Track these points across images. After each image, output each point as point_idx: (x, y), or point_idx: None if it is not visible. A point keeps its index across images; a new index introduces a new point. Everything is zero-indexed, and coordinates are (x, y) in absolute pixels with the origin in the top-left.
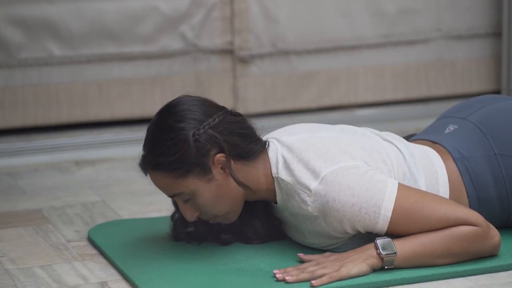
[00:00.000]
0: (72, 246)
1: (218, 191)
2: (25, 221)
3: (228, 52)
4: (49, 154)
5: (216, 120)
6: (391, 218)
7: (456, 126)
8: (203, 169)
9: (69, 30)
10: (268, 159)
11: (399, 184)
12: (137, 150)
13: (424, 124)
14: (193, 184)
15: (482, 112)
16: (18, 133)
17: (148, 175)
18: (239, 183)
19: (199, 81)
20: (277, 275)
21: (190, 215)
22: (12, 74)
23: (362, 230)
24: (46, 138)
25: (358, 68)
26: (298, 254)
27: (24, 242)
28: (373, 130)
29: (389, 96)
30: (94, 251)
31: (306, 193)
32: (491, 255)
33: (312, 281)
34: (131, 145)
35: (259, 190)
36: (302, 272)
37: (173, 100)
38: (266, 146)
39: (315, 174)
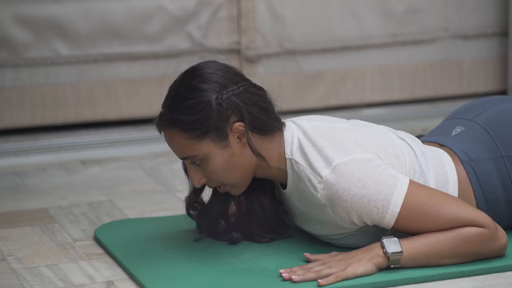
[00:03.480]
0: (79, 246)
1: (230, 159)
2: (31, 220)
3: (235, 51)
4: (56, 153)
5: (241, 88)
6: (399, 214)
7: (463, 128)
8: (220, 134)
9: (76, 30)
10: (283, 139)
11: (410, 181)
12: (144, 150)
13: (430, 123)
14: (207, 148)
15: (489, 113)
16: (25, 132)
17: (162, 133)
18: (256, 152)
19: None
20: (283, 275)
21: (198, 180)
22: (19, 74)
23: (369, 223)
24: (53, 137)
25: (365, 68)
26: (304, 253)
27: (31, 242)
28: (388, 127)
29: (396, 96)
30: (100, 251)
31: (317, 179)
32: (498, 256)
33: (319, 281)
34: (138, 145)
35: (270, 167)
36: (308, 271)
37: (200, 63)
38: (283, 126)
39: (328, 162)
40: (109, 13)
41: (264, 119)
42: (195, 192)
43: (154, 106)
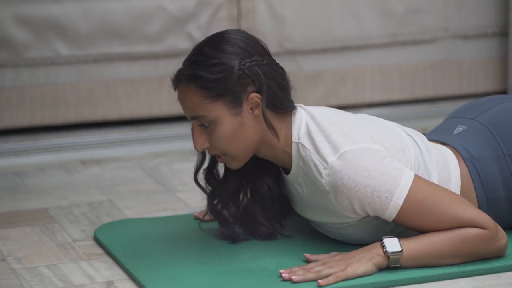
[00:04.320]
0: (78, 246)
1: (239, 128)
2: (31, 220)
3: None
4: (55, 153)
5: (265, 61)
6: (401, 207)
7: (465, 127)
8: (235, 99)
9: (76, 30)
10: (292, 122)
11: (415, 175)
12: (144, 150)
13: (431, 124)
14: (219, 110)
15: (490, 112)
16: (25, 132)
17: (177, 90)
18: (269, 124)
19: None
20: (283, 275)
21: (200, 144)
22: (19, 74)
23: (370, 213)
24: (53, 137)
25: (365, 68)
26: (304, 254)
27: (31, 242)
28: (395, 123)
29: (396, 96)
30: (100, 251)
31: (322, 165)
32: (498, 256)
33: (319, 281)
34: (138, 145)
35: (275, 147)
36: (308, 271)
37: (228, 29)
38: (294, 109)
39: (335, 148)
40: (109, 13)
41: (281, 97)
42: (210, 165)
43: (153, 106)
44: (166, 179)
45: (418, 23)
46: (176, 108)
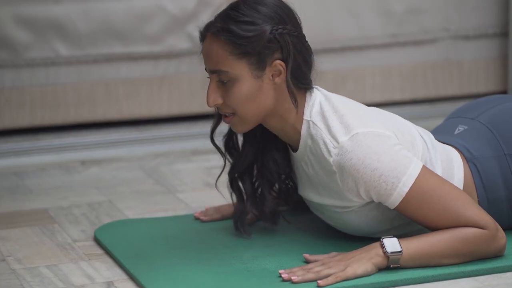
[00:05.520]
0: (78, 246)
1: (256, 92)
2: (31, 220)
3: None
4: (56, 154)
5: (296, 33)
6: (406, 194)
7: (466, 127)
8: (259, 62)
9: (76, 30)
10: (306, 100)
11: (423, 166)
12: (144, 150)
13: (431, 124)
14: (241, 69)
15: (491, 112)
16: (25, 133)
17: (203, 42)
18: (291, 93)
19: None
20: (283, 275)
21: (213, 99)
22: (19, 74)
23: (374, 198)
24: (53, 138)
25: (366, 68)
26: (304, 254)
27: (31, 242)
28: (404, 119)
29: (397, 96)
30: (100, 251)
31: (333, 143)
32: (497, 256)
33: (318, 281)
34: (138, 145)
35: (285, 121)
36: (308, 272)
37: None
38: (311, 89)
39: (348, 129)
40: (109, 13)
41: (304, 72)
42: (229, 131)
43: (154, 106)
44: (166, 179)
45: (418, 24)
46: (176, 108)
